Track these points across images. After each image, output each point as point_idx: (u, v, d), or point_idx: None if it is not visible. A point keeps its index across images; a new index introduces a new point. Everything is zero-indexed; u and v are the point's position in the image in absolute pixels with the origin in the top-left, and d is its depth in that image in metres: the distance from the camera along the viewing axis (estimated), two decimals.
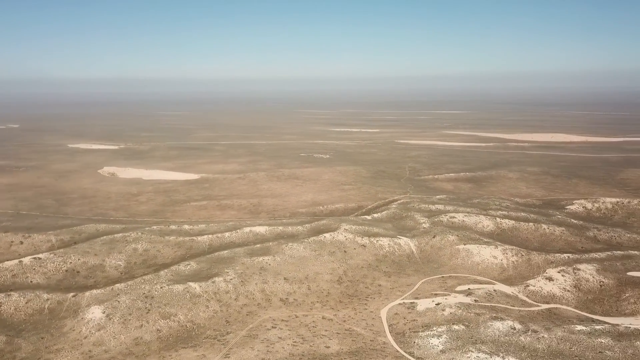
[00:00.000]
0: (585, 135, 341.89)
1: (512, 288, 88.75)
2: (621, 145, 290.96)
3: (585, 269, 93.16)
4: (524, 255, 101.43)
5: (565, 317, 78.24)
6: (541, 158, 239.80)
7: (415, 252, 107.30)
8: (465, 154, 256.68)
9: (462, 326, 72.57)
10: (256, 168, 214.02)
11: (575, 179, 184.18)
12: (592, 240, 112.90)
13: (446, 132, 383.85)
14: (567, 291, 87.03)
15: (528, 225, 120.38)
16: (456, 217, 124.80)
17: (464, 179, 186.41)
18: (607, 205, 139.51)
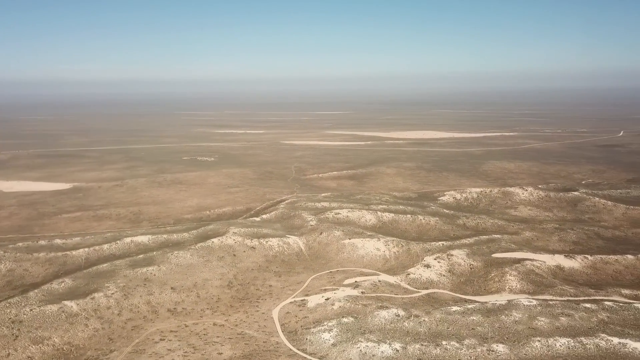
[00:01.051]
0: (452, 132, 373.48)
1: (395, 277, 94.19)
2: (482, 140, 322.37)
3: (457, 254, 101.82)
4: (404, 245, 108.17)
5: (442, 300, 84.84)
6: (415, 154, 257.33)
7: (304, 250, 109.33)
8: (347, 153, 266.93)
9: (351, 318, 75.45)
10: (135, 174, 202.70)
11: (445, 172, 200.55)
12: (462, 227, 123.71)
13: (328, 132, 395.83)
14: (443, 276, 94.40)
15: (406, 217, 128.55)
16: (341, 213, 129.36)
17: (346, 177, 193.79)
18: (473, 195, 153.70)
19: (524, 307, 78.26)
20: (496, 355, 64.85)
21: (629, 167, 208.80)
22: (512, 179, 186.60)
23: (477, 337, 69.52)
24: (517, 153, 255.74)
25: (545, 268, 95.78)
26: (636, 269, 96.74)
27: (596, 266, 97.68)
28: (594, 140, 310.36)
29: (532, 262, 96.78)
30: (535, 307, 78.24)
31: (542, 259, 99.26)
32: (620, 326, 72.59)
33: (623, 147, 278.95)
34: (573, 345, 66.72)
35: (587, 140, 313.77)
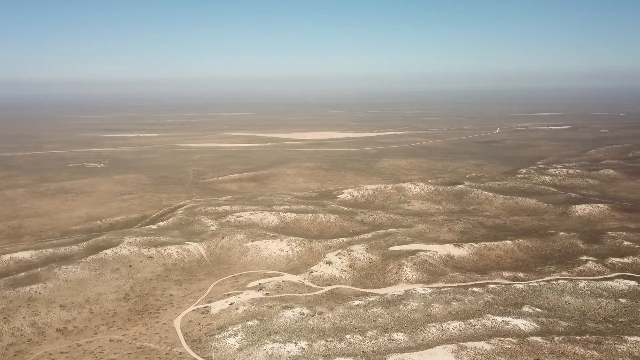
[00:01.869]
0: (348, 132, 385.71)
1: (299, 276, 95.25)
2: (376, 139, 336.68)
3: (357, 249, 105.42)
4: (306, 244, 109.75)
5: (344, 295, 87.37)
6: (314, 154, 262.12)
7: (206, 256, 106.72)
8: (247, 154, 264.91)
9: (256, 321, 75.03)
10: (13, 184, 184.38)
11: (343, 171, 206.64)
12: (360, 223, 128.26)
13: (228, 133, 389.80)
14: (344, 271, 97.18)
15: (307, 216, 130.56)
16: (243, 216, 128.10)
17: (247, 179, 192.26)
18: (369, 192, 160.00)
19: (419, 295, 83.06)
20: (396, 344, 68.12)
21: (505, 161, 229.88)
22: (405, 175, 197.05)
23: (379, 328, 72.56)
24: (408, 151, 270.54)
25: (438, 257, 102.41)
26: (514, 252, 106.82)
27: (481, 253, 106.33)
28: (475, 137, 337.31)
29: (425, 253, 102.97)
30: (429, 295, 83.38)
31: (434, 249, 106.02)
32: (503, 306, 79.79)
33: (499, 142, 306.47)
34: (464, 327, 72.08)
35: (469, 137, 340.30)
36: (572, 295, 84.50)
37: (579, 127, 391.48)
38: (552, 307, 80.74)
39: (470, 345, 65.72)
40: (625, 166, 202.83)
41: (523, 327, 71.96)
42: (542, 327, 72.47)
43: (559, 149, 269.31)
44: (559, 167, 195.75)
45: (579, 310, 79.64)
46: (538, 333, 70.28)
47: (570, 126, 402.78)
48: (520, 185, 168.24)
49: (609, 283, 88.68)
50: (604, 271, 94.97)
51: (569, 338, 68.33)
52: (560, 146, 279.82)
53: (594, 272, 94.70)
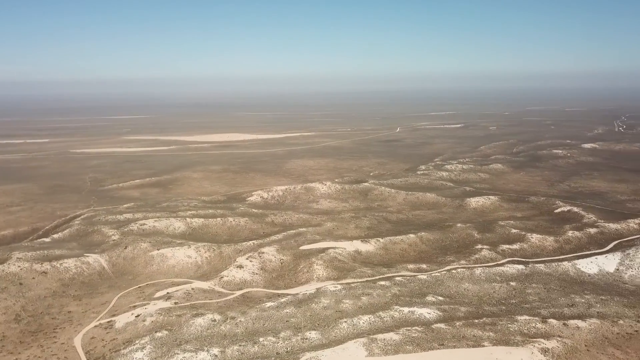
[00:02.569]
0: (256, 134, 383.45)
1: (209, 282, 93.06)
2: (284, 140, 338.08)
3: (268, 251, 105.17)
4: (215, 249, 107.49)
5: (257, 297, 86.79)
6: (220, 157, 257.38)
7: (107, 268, 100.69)
8: (149, 159, 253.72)
9: (165, 332, 72.19)
10: None
11: (252, 172, 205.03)
12: (271, 224, 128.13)
13: (128, 137, 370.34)
14: (256, 274, 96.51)
15: (216, 221, 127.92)
16: (147, 224, 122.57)
17: (150, 184, 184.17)
18: (279, 193, 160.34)
19: (330, 292, 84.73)
20: (310, 343, 68.94)
21: (405, 159, 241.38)
22: (313, 175, 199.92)
23: (292, 328, 72.98)
24: (315, 151, 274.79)
25: (346, 254, 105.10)
26: (417, 245, 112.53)
27: (387, 247, 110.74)
28: (377, 137, 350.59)
29: (334, 250, 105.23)
30: (340, 291, 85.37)
31: (343, 246, 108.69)
32: (409, 297, 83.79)
33: (400, 141, 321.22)
34: (373, 320, 74.67)
35: (372, 137, 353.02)
36: (470, 282, 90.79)
37: (471, 126, 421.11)
38: (452, 294, 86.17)
39: (380, 337, 68.28)
40: (511, 160, 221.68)
41: (428, 316, 76.09)
42: (445, 314, 77.13)
43: (453, 146, 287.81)
44: (455, 163, 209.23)
45: (476, 296, 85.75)
46: (441, 320, 74.69)
47: (462, 124, 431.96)
48: (420, 181, 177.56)
49: (501, 268, 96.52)
50: (497, 258, 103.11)
51: (469, 322, 73.38)
52: (455, 143, 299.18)
53: (488, 259, 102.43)
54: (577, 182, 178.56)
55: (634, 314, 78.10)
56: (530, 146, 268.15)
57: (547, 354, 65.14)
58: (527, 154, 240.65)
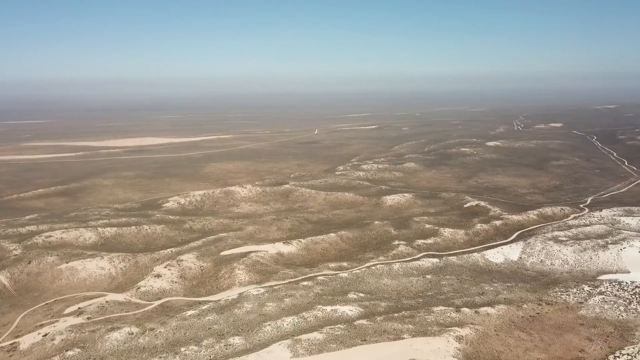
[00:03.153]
0: (171, 137, 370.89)
1: (125, 294, 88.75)
2: (201, 143, 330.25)
3: (187, 258, 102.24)
4: (131, 259, 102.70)
5: (177, 307, 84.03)
6: (134, 162, 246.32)
7: (9, 285, 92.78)
8: (54, 166, 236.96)
9: (77, 350, 67.86)
10: None
11: (167, 178, 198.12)
12: (189, 231, 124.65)
13: (28, 144, 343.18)
14: (175, 283, 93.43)
15: (131, 229, 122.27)
16: (53, 236, 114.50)
17: (56, 193, 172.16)
18: (197, 198, 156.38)
19: (253, 296, 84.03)
20: (233, 349, 67.90)
21: (324, 160, 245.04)
22: (232, 178, 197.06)
23: (215, 336, 71.49)
24: (234, 154, 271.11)
25: (269, 257, 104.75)
26: (338, 244, 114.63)
27: (308, 247, 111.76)
28: (296, 139, 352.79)
29: (256, 254, 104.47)
30: (263, 294, 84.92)
31: (265, 249, 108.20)
32: (331, 295, 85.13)
33: (318, 143, 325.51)
34: (297, 321, 75.03)
35: (291, 139, 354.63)
36: (389, 278, 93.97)
37: (385, 127, 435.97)
38: (373, 290, 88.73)
39: (304, 338, 68.76)
40: (423, 159, 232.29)
41: (350, 313, 77.76)
42: (366, 310, 79.24)
43: (369, 146, 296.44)
44: (371, 163, 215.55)
45: (395, 290, 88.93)
46: (363, 316, 76.66)
47: (377, 126, 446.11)
48: (339, 182, 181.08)
49: (417, 262, 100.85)
50: (413, 253, 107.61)
51: (389, 316, 75.94)
52: (371, 144, 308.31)
53: (405, 254, 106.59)
54: (483, 178, 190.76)
55: (536, 297, 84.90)
56: (440, 145, 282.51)
57: (462, 341, 69.00)
58: (438, 152, 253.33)
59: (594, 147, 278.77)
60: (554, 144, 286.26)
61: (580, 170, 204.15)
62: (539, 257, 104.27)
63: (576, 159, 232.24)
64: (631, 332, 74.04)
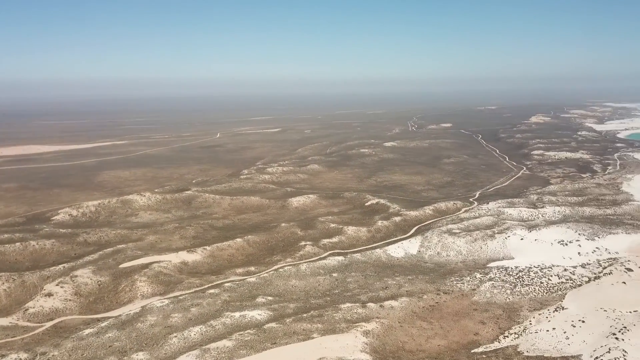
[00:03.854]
0: (60, 145, 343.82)
1: (10, 318, 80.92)
2: (93, 150, 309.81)
3: (82, 273, 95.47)
4: (16, 279, 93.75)
5: (72, 326, 78.18)
6: (16, 173, 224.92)
7: None
8: None
9: None
10: None
11: (56, 188, 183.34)
12: (84, 244, 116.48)
13: None
14: (69, 301, 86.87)
15: (15, 246, 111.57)
16: None
17: None
18: (91, 209, 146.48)
19: (157, 309, 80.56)
20: None
21: (228, 164, 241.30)
22: (129, 186, 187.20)
23: (116, 353, 67.57)
24: (130, 160, 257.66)
25: (172, 266, 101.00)
26: (245, 249, 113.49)
27: (214, 254, 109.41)
28: (198, 143, 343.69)
29: (159, 264, 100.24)
30: (167, 306, 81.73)
31: (168, 259, 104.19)
32: (240, 301, 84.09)
33: (221, 146, 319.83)
34: (205, 330, 73.17)
35: (193, 143, 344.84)
36: (296, 279, 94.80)
37: (288, 130, 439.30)
38: (281, 292, 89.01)
39: (213, 347, 67.26)
40: (326, 160, 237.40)
41: (259, 317, 77.36)
42: (275, 313, 79.30)
43: (273, 149, 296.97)
44: (275, 166, 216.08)
45: (303, 291, 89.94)
46: (272, 319, 76.63)
47: (280, 129, 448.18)
48: (244, 186, 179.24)
49: (324, 262, 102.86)
50: (319, 252, 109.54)
51: (298, 317, 76.65)
52: (275, 147, 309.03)
53: (311, 254, 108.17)
54: (382, 177, 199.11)
55: (434, 288, 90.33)
56: (341, 147, 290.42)
57: (369, 335, 71.52)
58: (339, 153, 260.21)
59: (479, 145, 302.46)
60: (445, 143, 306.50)
61: (468, 167, 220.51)
62: (436, 250, 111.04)
63: (465, 156, 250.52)
64: (517, 313, 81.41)
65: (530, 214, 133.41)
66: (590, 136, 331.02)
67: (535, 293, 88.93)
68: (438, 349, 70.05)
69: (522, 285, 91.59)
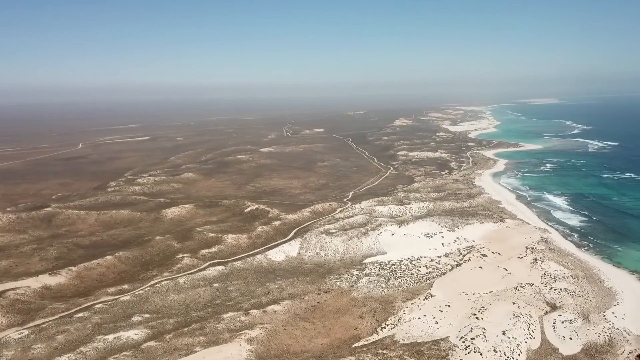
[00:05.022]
0: None
1: None
2: None
3: None
4: None
5: None
6: None
7: None
8: None
9: None
10: None
11: None
12: None
13: None
14: None
15: None
16: None
17: None
18: None
19: (14, 341, 72.07)
20: None
21: (93, 176, 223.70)
22: None
23: None
24: None
25: (32, 292, 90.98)
26: (116, 266, 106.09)
27: (82, 275, 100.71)
28: (57, 155, 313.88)
29: (15, 292, 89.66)
30: (28, 336, 73.51)
31: (26, 284, 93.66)
32: (113, 322, 78.38)
33: (84, 158, 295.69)
34: (74, 359, 67.01)
35: (50, 155, 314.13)
36: (175, 293, 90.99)
37: (159, 137, 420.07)
38: (159, 309, 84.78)
39: None
40: (202, 168, 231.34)
41: (135, 337, 72.88)
42: (154, 330, 75.29)
43: (144, 159, 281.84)
44: (147, 176, 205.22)
45: (183, 305, 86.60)
46: (150, 338, 72.65)
47: (150, 137, 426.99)
48: (112, 199, 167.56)
49: (204, 273, 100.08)
50: (198, 264, 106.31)
51: (179, 332, 73.63)
52: (145, 156, 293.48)
53: (190, 266, 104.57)
54: (260, 182, 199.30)
55: (315, 288, 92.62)
56: (217, 153, 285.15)
57: (253, 342, 71.08)
58: (215, 160, 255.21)
59: (350, 148, 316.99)
60: (318, 147, 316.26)
61: (341, 169, 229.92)
62: (315, 250, 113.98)
63: (337, 159, 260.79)
64: (392, 304, 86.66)
65: (399, 211, 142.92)
66: (446, 137, 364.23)
67: (407, 284, 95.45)
68: (321, 348, 71.90)
69: (395, 278, 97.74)
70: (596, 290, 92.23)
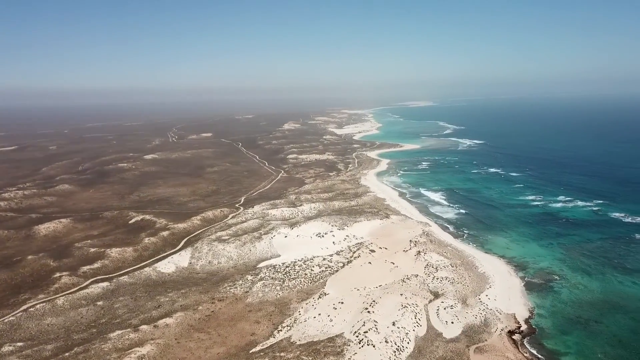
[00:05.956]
0: None
1: None
2: None
3: None
4: None
5: None
6: None
7: None
8: None
9: None
10: None
11: None
12: None
13: None
14: None
15: None
16: None
17: None
18: None
19: None
20: None
21: None
22: None
23: None
24: None
25: None
26: None
27: None
28: None
29: None
30: None
31: None
32: None
33: None
34: None
35: None
36: (53, 316, 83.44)
37: (28, 147, 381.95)
38: (35, 335, 77.27)
39: None
40: (79, 179, 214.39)
41: None
42: (29, 358, 68.39)
43: (10, 170, 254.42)
44: (14, 190, 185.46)
45: (63, 328, 79.71)
46: None
47: (17, 146, 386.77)
48: None
49: (86, 291, 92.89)
50: (79, 282, 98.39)
51: (60, 358, 67.65)
52: (12, 167, 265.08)
53: (69, 285, 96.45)
54: (145, 191, 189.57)
55: (209, 297, 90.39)
56: (96, 162, 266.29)
57: (144, 359, 67.47)
58: (94, 170, 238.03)
59: (240, 152, 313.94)
60: (207, 152, 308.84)
61: (232, 174, 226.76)
62: (207, 259, 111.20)
63: (228, 164, 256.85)
64: (287, 306, 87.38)
65: (291, 213, 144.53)
66: (333, 139, 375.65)
67: (302, 285, 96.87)
68: (218, 357, 70.37)
69: (290, 279, 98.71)
70: (472, 276, 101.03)
